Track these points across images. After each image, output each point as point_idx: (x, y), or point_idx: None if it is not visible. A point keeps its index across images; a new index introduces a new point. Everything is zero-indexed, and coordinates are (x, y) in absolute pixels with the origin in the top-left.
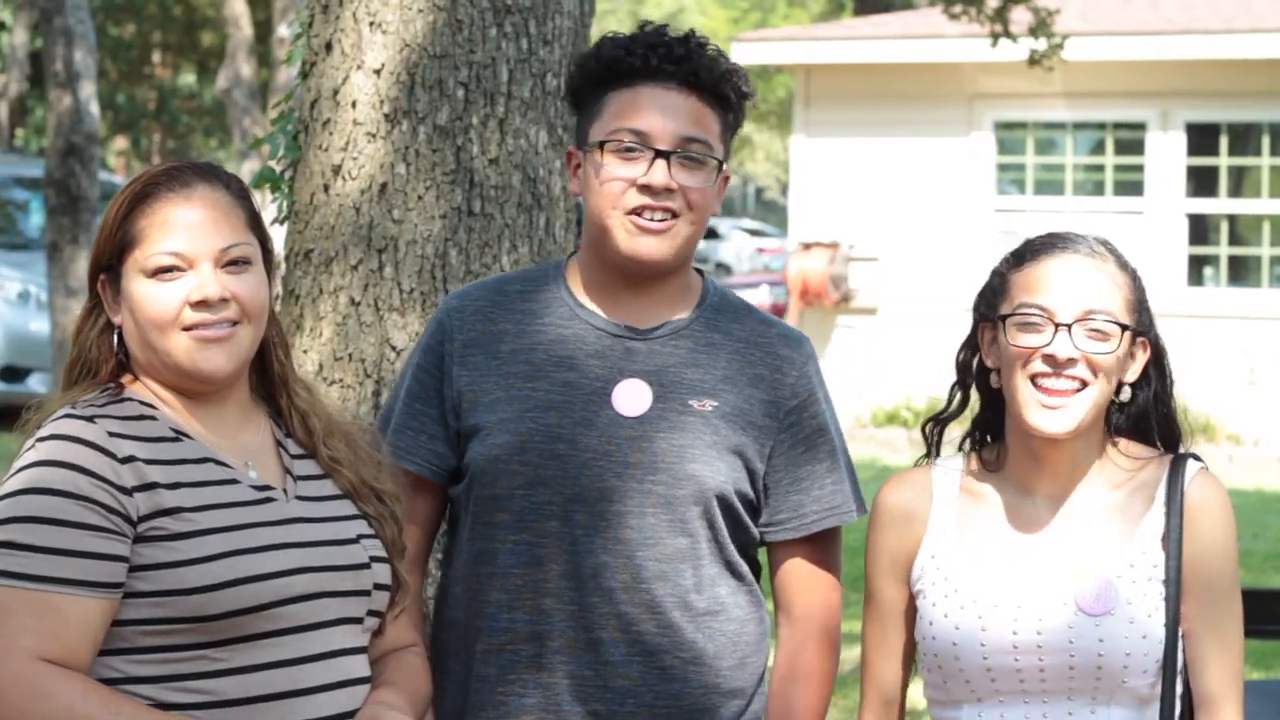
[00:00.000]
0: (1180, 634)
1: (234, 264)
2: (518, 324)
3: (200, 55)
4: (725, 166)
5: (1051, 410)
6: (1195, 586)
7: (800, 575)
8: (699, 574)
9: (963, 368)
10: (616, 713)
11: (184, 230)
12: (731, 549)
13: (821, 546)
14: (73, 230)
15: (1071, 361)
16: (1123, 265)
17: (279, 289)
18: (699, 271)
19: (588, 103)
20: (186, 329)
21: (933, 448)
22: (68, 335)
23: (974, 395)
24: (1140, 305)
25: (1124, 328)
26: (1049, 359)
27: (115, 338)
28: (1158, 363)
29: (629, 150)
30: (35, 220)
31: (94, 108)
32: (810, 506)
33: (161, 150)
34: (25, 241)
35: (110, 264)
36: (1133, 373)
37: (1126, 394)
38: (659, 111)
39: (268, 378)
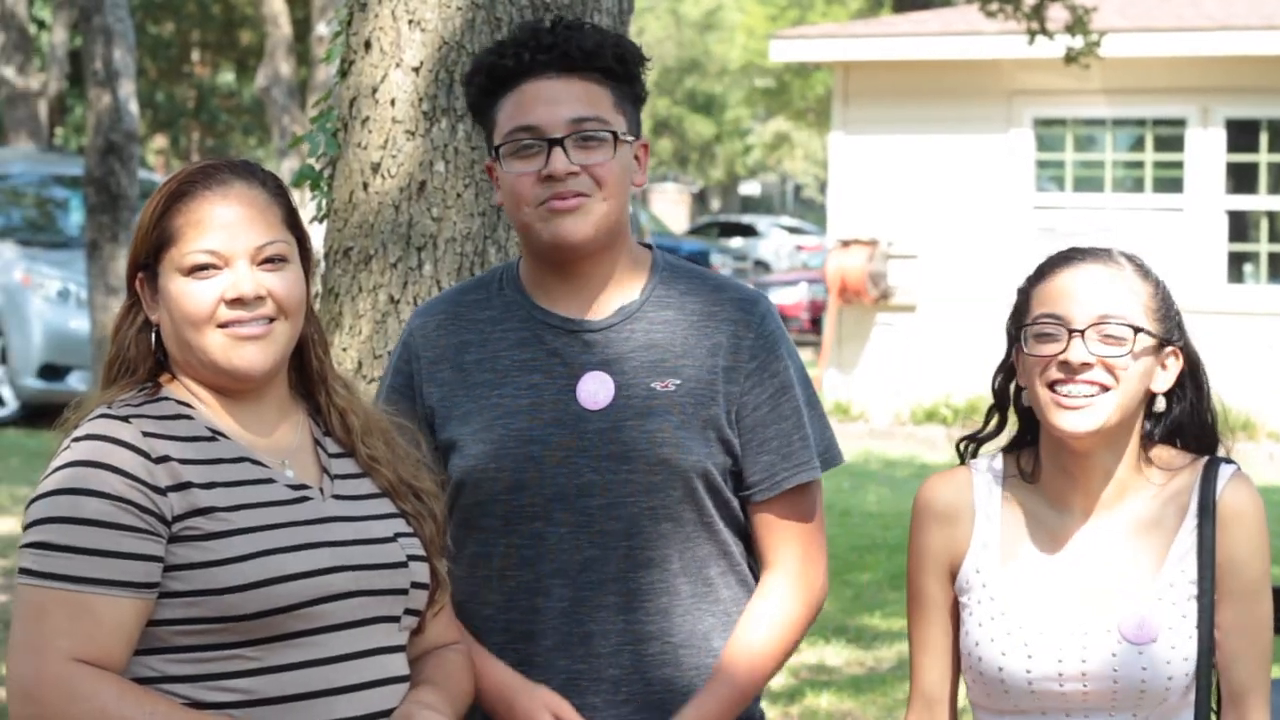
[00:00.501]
0: (1215, 640)
1: (270, 261)
2: (479, 333)
3: (239, 53)
4: (635, 135)
5: (1073, 410)
6: (1228, 592)
7: (776, 532)
8: (685, 558)
9: (999, 391)
10: (611, 702)
11: (220, 228)
12: (720, 526)
13: (795, 503)
14: (112, 228)
15: (1086, 366)
16: (1144, 274)
17: (318, 286)
18: (647, 245)
19: (486, 116)
20: (222, 326)
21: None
22: (107, 333)
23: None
24: (1165, 314)
25: (1138, 330)
26: (1064, 365)
27: (153, 336)
28: (1193, 374)
29: (526, 148)
30: (75, 218)
31: (133, 106)
32: (780, 465)
33: (200, 149)
34: (65, 240)
35: (148, 262)
36: (1162, 382)
37: (1161, 404)
38: (543, 103)
39: (306, 375)
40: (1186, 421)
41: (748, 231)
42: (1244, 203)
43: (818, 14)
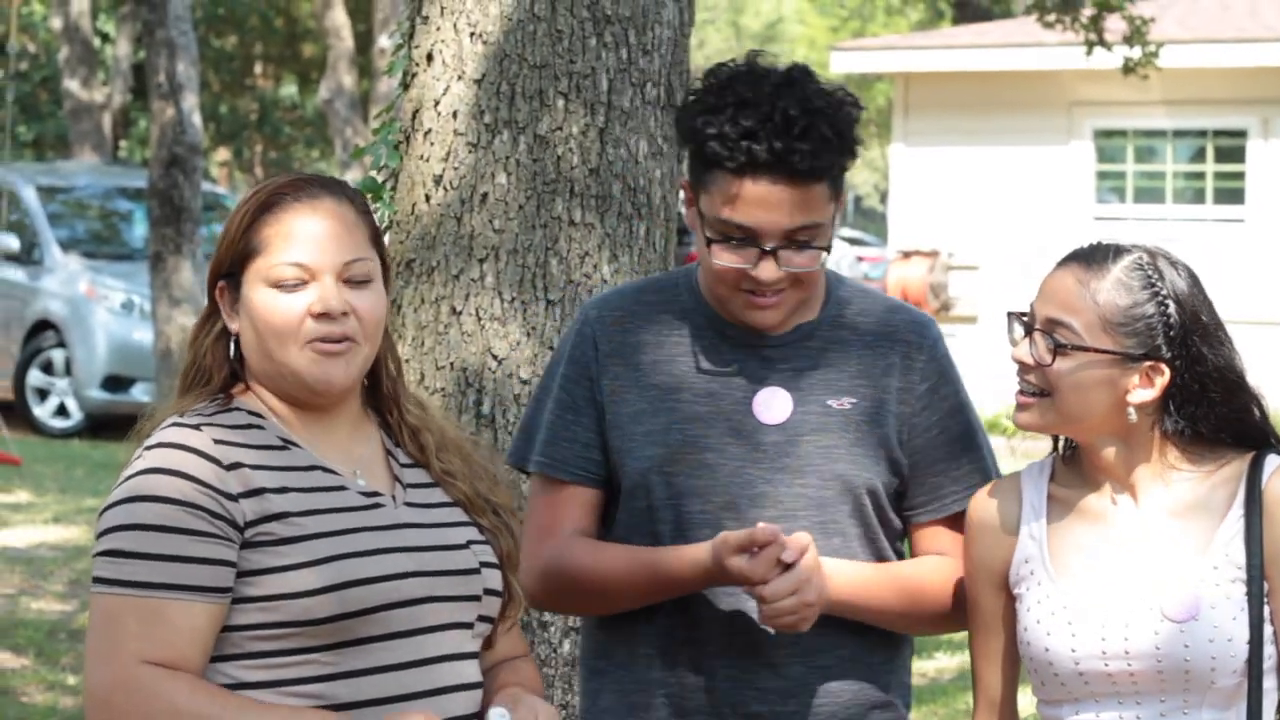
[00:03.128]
0: (1274, 631)
1: (355, 279)
2: (656, 334)
3: (302, 66)
4: (840, 195)
5: (1021, 409)
6: None
7: (940, 551)
8: None
9: None
10: (779, 713)
11: (309, 242)
12: (884, 544)
13: (960, 525)
14: (176, 240)
15: (1025, 366)
16: (1131, 287)
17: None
18: None
19: (694, 156)
20: (307, 341)
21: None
22: (171, 345)
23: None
24: (1139, 329)
25: (1076, 348)
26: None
27: (230, 346)
28: (1203, 386)
29: (737, 242)
30: (139, 231)
31: (196, 119)
32: (949, 487)
33: (263, 161)
34: (129, 252)
35: (231, 271)
36: (1141, 395)
37: (1133, 415)
38: (760, 208)
39: (378, 393)
40: (1206, 427)
41: None
42: None
43: (878, 25)
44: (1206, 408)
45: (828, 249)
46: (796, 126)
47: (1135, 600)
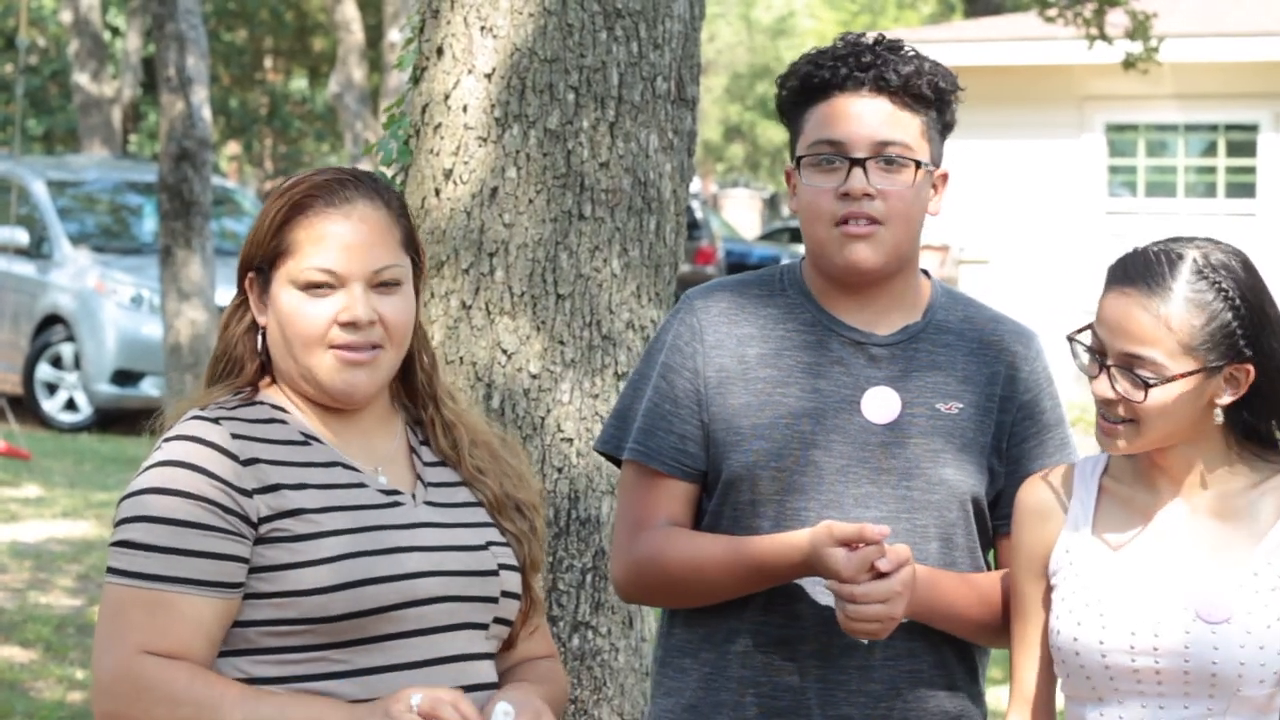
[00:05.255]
0: None
1: (384, 285)
2: (762, 328)
3: (312, 60)
4: (937, 165)
5: (1105, 438)
6: None
7: None
8: None
9: None
10: (870, 716)
11: (340, 249)
12: (979, 552)
13: None
14: (185, 235)
15: (1108, 404)
16: (1203, 302)
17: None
18: (924, 272)
19: (793, 122)
20: (332, 347)
21: None
22: (180, 339)
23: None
24: (1218, 339)
25: (1166, 380)
26: (1100, 401)
27: (258, 339)
28: (1270, 379)
29: (828, 161)
30: (148, 225)
31: (206, 113)
32: None
33: (273, 156)
34: (138, 246)
35: (261, 266)
36: (1229, 396)
37: (1219, 416)
38: (852, 120)
39: (411, 389)
40: (1264, 423)
41: None
42: None
43: (889, 19)
44: (1274, 402)
45: (919, 169)
46: (885, 48)
47: (1169, 598)
